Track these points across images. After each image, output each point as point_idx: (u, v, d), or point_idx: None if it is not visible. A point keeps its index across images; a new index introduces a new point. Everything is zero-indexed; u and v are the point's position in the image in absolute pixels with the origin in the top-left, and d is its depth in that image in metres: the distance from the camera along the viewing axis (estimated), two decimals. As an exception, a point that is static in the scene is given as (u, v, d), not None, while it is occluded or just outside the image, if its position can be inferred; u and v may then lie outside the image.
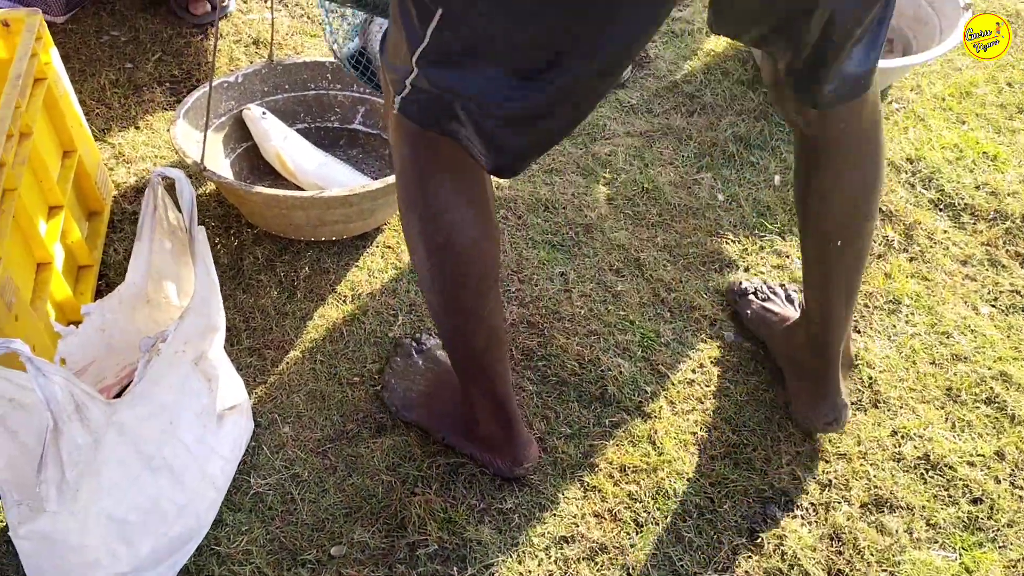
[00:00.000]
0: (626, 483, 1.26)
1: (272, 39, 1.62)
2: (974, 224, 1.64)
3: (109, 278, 1.49)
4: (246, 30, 1.99)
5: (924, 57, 1.73)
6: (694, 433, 1.33)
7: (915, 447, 1.33)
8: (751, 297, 1.48)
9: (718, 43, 2.02)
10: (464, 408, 1.25)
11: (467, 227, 1.00)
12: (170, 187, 1.17)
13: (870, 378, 1.42)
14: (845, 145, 1.08)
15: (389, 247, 1.58)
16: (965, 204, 1.67)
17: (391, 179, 1.43)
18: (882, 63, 1.76)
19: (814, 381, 1.30)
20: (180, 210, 1.11)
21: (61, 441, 0.89)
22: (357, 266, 1.54)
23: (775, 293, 1.49)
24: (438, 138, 0.92)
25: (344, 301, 1.49)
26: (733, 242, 1.61)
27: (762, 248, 1.60)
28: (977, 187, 1.70)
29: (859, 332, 1.48)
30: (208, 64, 1.91)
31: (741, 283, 1.51)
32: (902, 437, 1.34)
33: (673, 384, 1.39)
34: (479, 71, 0.82)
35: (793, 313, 1.43)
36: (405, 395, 1.33)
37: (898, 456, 1.32)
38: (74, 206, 1.45)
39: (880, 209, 1.67)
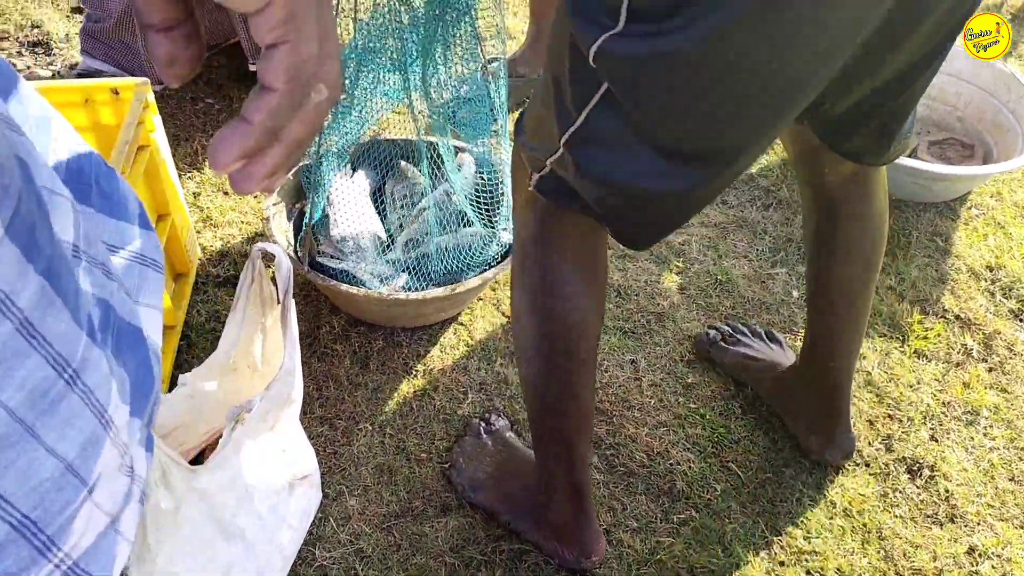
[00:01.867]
0: (693, 584, 1.24)
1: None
2: (1057, 337, 1.61)
3: (190, 339, 1.53)
4: (334, 104, 2.07)
5: (1007, 166, 1.72)
6: (765, 538, 1.30)
7: (993, 567, 1.28)
8: (723, 344, 1.52)
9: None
10: (535, 493, 1.24)
11: (581, 300, 1.03)
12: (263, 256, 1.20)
13: (947, 491, 1.38)
14: (872, 196, 1.14)
15: (462, 324, 1.59)
16: (1048, 316, 1.64)
17: (489, 274, 1.46)
18: (965, 170, 1.75)
19: (828, 418, 1.36)
20: (274, 283, 1.14)
21: (147, 504, 0.91)
22: (430, 342, 1.56)
23: (746, 335, 1.54)
24: (568, 213, 0.96)
25: (415, 376, 1.50)
26: (806, 340, 1.59)
27: (836, 348, 1.58)
28: (1060, 299, 1.67)
29: (936, 441, 1.45)
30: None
31: (708, 332, 1.55)
32: (979, 555, 1.30)
33: (744, 483, 1.37)
34: (631, 152, 0.83)
35: (781, 356, 1.49)
36: (473, 476, 1.33)
37: (975, 575, 1.27)
38: (164, 268, 1.50)
39: (958, 316, 1.64)
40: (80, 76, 2.04)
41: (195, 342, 1.53)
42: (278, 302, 1.21)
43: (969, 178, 1.80)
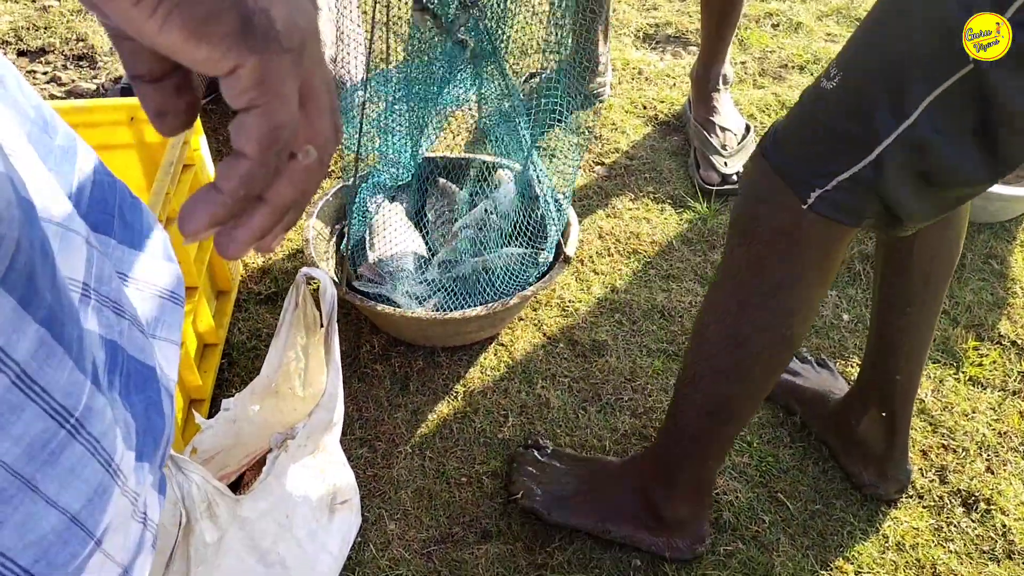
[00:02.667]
0: (740, 620, 1.20)
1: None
2: (1120, 366, 1.55)
3: (232, 357, 1.53)
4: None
5: (1066, 185, 1.66)
6: (813, 571, 1.27)
7: (1055, 608, 1.23)
8: None
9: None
10: (640, 493, 1.26)
11: (809, 315, 1.06)
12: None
13: (1004, 525, 1.33)
14: (951, 217, 1.14)
15: (503, 344, 1.57)
16: (1110, 343, 1.58)
17: (528, 292, 1.44)
18: (1021, 191, 1.70)
19: (883, 450, 1.32)
20: (318, 307, 1.13)
21: (191, 538, 0.90)
22: (470, 362, 1.54)
23: (794, 361, 1.50)
24: (829, 231, 0.97)
25: (455, 397, 1.48)
26: (858, 365, 1.55)
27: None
28: (1123, 326, 1.61)
29: (992, 472, 1.40)
30: (338, 150, 1.97)
31: None
32: (1041, 596, 1.25)
33: (793, 515, 1.33)
34: (964, 149, 0.86)
35: (832, 383, 1.46)
36: (556, 498, 1.30)
37: (1038, 618, 1.22)
38: (205, 287, 1.50)
39: (1015, 342, 1.59)
40: (124, 90, 2.06)
41: (236, 360, 1.52)
42: (321, 326, 1.20)
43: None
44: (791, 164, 0.96)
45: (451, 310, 1.47)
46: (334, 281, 1.43)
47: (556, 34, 1.56)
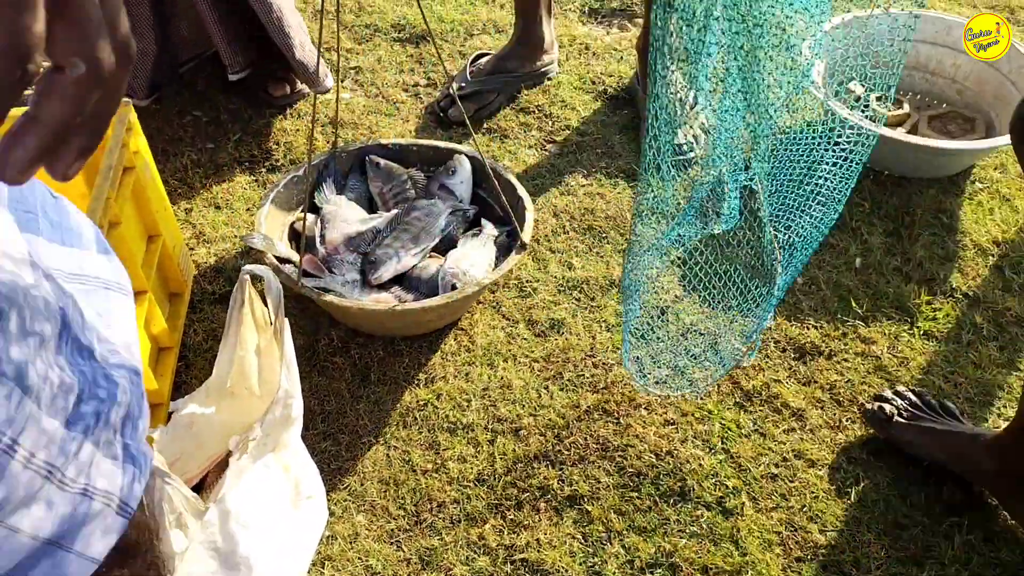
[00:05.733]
0: (709, 586, 1.22)
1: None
2: (1069, 311, 1.58)
3: (188, 359, 1.51)
4: (323, 109, 2.04)
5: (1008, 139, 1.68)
6: (778, 532, 1.28)
7: (1011, 552, 1.26)
8: (903, 420, 1.36)
9: (793, 120, 1.99)
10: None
11: None
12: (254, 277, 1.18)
13: (958, 476, 1.35)
14: None
15: (463, 329, 1.57)
16: (1058, 290, 1.61)
17: (485, 280, 1.43)
18: (967, 144, 1.72)
19: None
20: (265, 304, 1.12)
21: (160, 547, 0.89)
22: (431, 349, 1.54)
23: (922, 408, 1.38)
24: None
25: (417, 386, 1.48)
26: (815, 327, 1.57)
27: (845, 335, 1.55)
28: (1070, 271, 1.64)
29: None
30: (287, 144, 1.95)
31: (880, 408, 1.38)
32: (999, 541, 1.27)
33: (755, 479, 1.35)
34: None
35: (967, 425, 1.35)
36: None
37: (995, 562, 1.25)
38: (157, 289, 1.48)
39: (967, 295, 1.61)
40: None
41: (193, 363, 1.51)
42: (271, 323, 1.19)
43: (972, 152, 1.77)
44: None
45: (412, 299, 1.47)
46: (286, 273, 1.42)
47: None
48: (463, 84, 2.00)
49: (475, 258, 1.52)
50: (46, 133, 0.37)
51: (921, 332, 1.56)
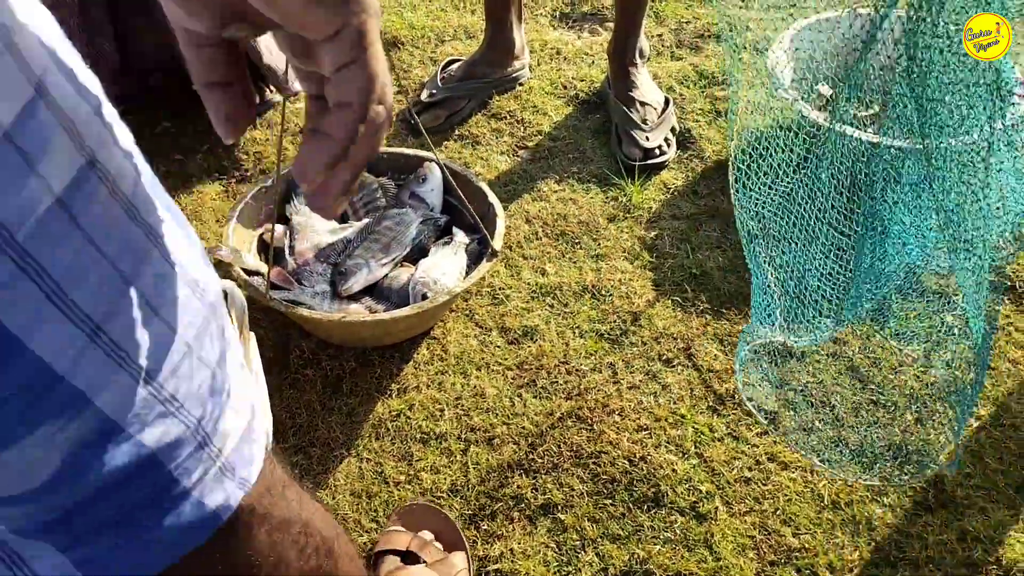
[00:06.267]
0: (683, 592, 1.21)
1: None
2: None
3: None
4: (294, 119, 2.03)
5: (977, 135, 1.69)
6: (752, 536, 1.28)
7: (985, 551, 1.27)
8: None
9: (763, 120, 2.00)
10: None
11: None
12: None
13: (936, 476, 1.36)
14: None
15: (435, 338, 1.56)
16: (1027, 287, 1.62)
17: (458, 289, 1.42)
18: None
19: None
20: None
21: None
22: (403, 359, 1.53)
23: None
24: None
25: (390, 396, 1.47)
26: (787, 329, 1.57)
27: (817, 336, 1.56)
28: (1039, 268, 1.65)
29: (921, 424, 1.42)
30: (256, 153, 1.94)
31: None
32: (971, 540, 1.28)
33: (729, 483, 1.35)
34: None
35: None
36: None
37: (969, 561, 1.25)
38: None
39: (936, 292, 1.62)
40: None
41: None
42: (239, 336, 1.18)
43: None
44: None
45: (383, 308, 1.46)
46: (254, 286, 1.40)
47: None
48: (433, 91, 1.99)
49: (446, 267, 1.51)
50: (352, 168, 0.44)
51: (893, 332, 1.56)
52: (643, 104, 1.95)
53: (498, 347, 1.56)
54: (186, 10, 0.43)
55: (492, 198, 1.59)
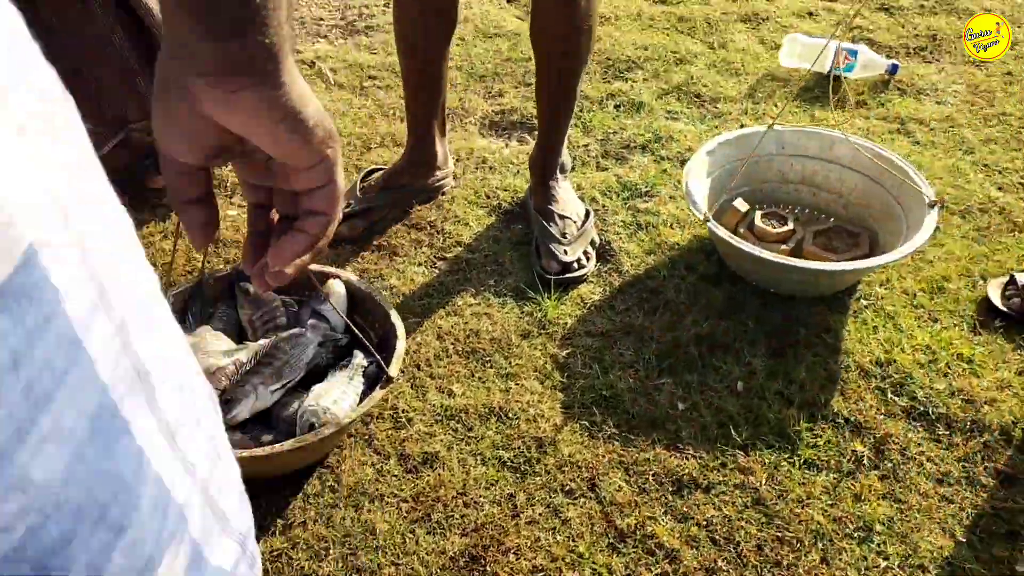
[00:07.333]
0: None
1: (173, 257, 1.60)
2: (950, 436, 1.55)
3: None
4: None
5: (891, 257, 1.68)
6: None
7: None
8: None
9: (683, 236, 1.99)
10: None
11: None
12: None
13: (842, 618, 1.30)
14: None
15: (328, 467, 1.50)
16: (940, 414, 1.59)
17: (346, 420, 1.37)
18: (851, 265, 1.71)
19: None
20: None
21: None
22: (292, 491, 1.46)
23: None
24: None
25: (272, 533, 1.40)
26: (693, 456, 1.52)
27: (724, 464, 1.51)
28: (952, 394, 1.62)
29: (827, 564, 1.37)
30: (164, 265, 1.90)
31: None
32: None
33: (622, 632, 1.28)
34: None
35: None
36: None
37: None
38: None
39: (847, 419, 1.58)
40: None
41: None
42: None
43: (853, 272, 1.77)
44: None
45: (269, 441, 1.40)
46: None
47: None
48: (351, 202, 1.97)
49: (338, 394, 1.46)
50: (310, 242, 0.56)
51: (802, 461, 1.52)
52: (562, 217, 1.94)
53: (395, 476, 1.49)
54: (185, 148, 0.51)
55: (395, 318, 1.55)
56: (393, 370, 1.45)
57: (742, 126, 2.36)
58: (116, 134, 2.05)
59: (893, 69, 2.56)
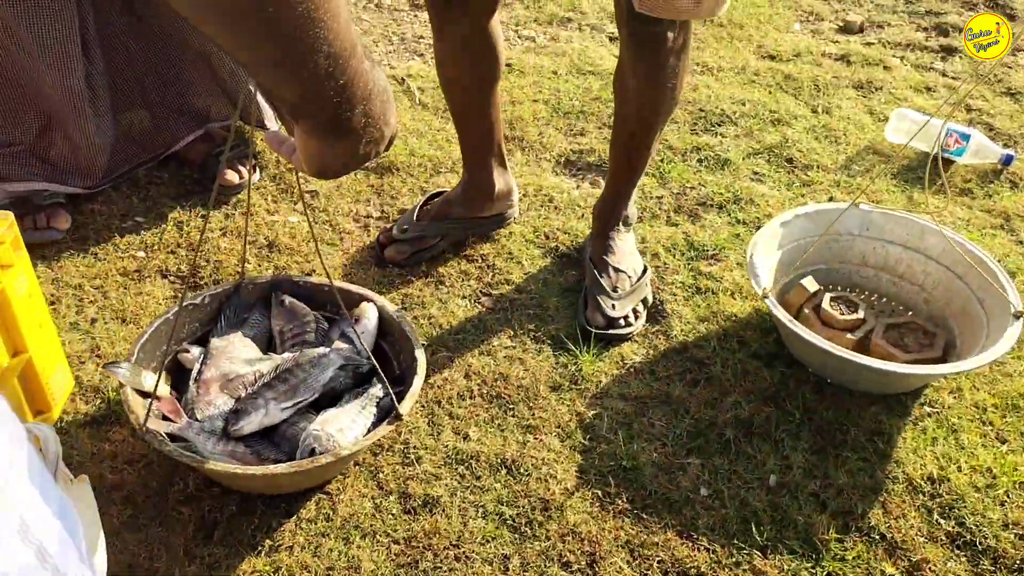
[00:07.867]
0: None
1: (244, 258, 1.60)
2: (994, 573, 1.40)
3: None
4: (264, 231, 2.00)
5: (966, 365, 1.54)
6: None
7: None
8: None
9: (743, 308, 1.89)
10: None
11: None
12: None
13: None
14: None
15: (327, 493, 1.46)
16: (988, 546, 1.43)
17: (345, 451, 1.33)
18: (918, 369, 1.58)
19: None
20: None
21: None
22: (288, 513, 1.43)
23: None
24: None
25: (259, 554, 1.37)
26: (707, 549, 1.42)
27: (738, 563, 1.40)
28: (1006, 526, 1.47)
29: None
30: (216, 262, 1.91)
31: None
32: None
33: None
34: None
35: None
36: None
37: None
38: (15, 406, 1.42)
39: (884, 536, 1.45)
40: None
41: (35, 490, 1.42)
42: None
43: (921, 376, 1.63)
44: None
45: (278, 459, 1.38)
46: (138, 418, 1.34)
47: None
48: (406, 226, 1.94)
49: (346, 421, 1.42)
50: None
51: (825, 573, 1.39)
52: (617, 270, 1.86)
53: (392, 515, 1.44)
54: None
55: (419, 354, 1.51)
56: (404, 408, 1.41)
57: (831, 198, 2.23)
58: (198, 128, 2.09)
59: (1007, 160, 2.38)
